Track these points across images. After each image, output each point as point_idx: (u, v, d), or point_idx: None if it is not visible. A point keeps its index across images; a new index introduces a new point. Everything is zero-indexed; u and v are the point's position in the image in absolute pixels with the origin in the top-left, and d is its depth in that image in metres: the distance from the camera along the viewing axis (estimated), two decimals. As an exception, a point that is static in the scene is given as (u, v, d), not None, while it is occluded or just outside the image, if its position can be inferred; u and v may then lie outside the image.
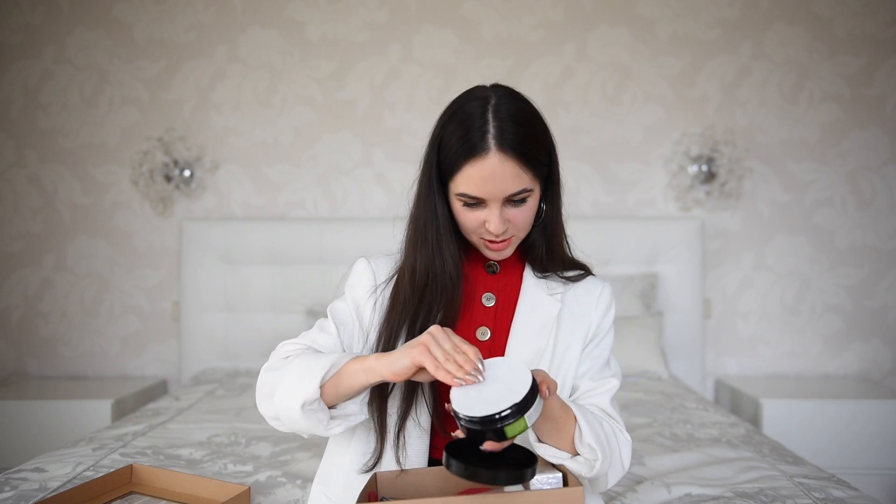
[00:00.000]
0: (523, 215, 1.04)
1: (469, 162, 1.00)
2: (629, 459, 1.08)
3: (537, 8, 2.89)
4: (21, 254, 2.91)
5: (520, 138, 0.99)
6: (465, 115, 1.02)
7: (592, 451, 0.98)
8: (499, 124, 0.99)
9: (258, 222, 2.85)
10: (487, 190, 1.00)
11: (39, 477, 1.43)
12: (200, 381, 2.58)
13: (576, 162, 2.90)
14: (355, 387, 0.97)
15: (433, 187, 1.07)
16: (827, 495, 1.33)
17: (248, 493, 1.27)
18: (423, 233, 1.09)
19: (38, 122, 2.90)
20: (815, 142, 2.88)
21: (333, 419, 1.00)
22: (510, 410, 0.83)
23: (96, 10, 2.90)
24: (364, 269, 1.15)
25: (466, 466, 0.84)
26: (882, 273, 2.87)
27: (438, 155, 1.05)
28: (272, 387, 1.01)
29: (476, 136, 0.99)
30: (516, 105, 1.03)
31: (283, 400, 0.98)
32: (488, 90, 1.05)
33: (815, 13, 2.86)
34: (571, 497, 0.88)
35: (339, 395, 0.98)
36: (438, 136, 1.05)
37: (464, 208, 1.04)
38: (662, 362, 2.55)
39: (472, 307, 1.12)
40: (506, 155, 0.99)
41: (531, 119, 1.03)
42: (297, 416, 0.97)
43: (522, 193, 1.02)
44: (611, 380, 1.13)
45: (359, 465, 1.08)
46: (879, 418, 2.37)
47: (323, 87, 2.92)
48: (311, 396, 0.95)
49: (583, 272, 1.18)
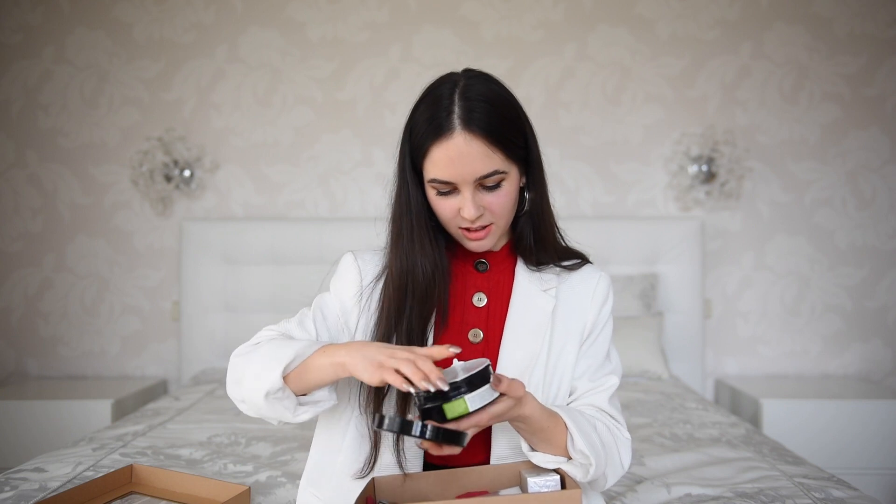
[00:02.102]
0: (500, 201, 1.00)
1: (435, 143, 0.97)
2: (629, 458, 1.06)
3: (537, 8, 2.89)
4: (21, 254, 2.91)
5: (487, 117, 0.96)
6: (433, 99, 0.99)
7: (585, 456, 0.96)
8: (465, 104, 0.96)
9: (258, 222, 2.85)
10: (456, 172, 0.97)
11: (39, 477, 1.43)
12: (200, 381, 2.58)
13: (576, 162, 2.90)
14: (323, 381, 0.95)
15: (407, 177, 1.04)
16: (827, 495, 1.33)
17: (248, 493, 1.27)
18: (399, 228, 1.06)
19: (38, 122, 2.90)
20: (815, 142, 2.88)
21: (301, 406, 0.98)
22: (455, 385, 0.85)
23: (96, 10, 2.90)
24: (350, 266, 1.12)
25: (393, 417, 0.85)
26: (882, 273, 2.87)
27: (410, 144, 1.02)
28: (241, 372, 0.99)
29: (441, 117, 0.96)
30: (486, 86, 1.00)
31: (248, 386, 0.96)
32: (459, 74, 1.03)
33: (815, 13, 2.86)
34: (569, 499, 0.88)
35: (306, 385, 0.96)
36: (409, 123, 1.02)
37: (438, 197, 1.01)
38: (662, 362, 2.55)
39: (463, 308, 1.09)
40: (472, 134, 0.95)
41: (501, 99, 1.00)
42: (262, 403, 0.95)
43: (494, 176, 0.98)
44: (610, 378, 1.10)
45: (353, 470, 1.05)
46: (879, 418, 2.37)
47: (323, 87, 2.92)
48: (275, 386, 0.94)
49: (579, 261, 1.14)
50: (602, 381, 1.10)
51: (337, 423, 1.09)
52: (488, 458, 1.06)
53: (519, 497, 0.90)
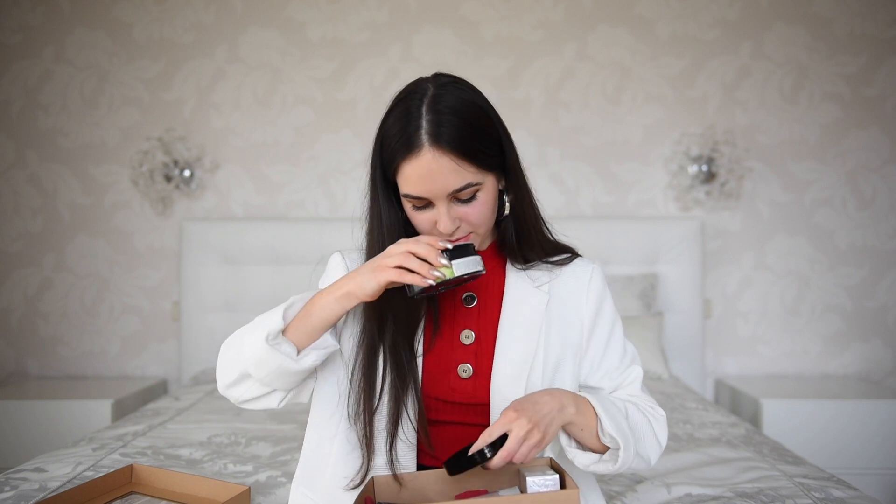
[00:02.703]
0: (475, 211, 0.98)
1: (405, 160, 0.95)
2: (665, 434, 1.06)
3: (537, 8, 2.89)
4: (21, 254, 2.91)
5: (456, 132, 0.94)
6: (403, 111, 0.97)
7: (614, 440, 0.97)
8: (433, 117, 0.94)
9: (258, 222, 2.85)
10: (427, 188, 0.95)
11: (39, 477, 1.43)
12: (200, 381, 2.58)
13: (576, 162, 2.90)
14: (330, 319, 0.96)
15: (378, 190, 1.04)
16: (827, 495, 1.33)
17: (248, 493, 1.27)
18: (373, 240, 1.06)
19: (38, 122, 2.90)
20: (815, 142, 2.88)
21: (304, 350, 0.98)
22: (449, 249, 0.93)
23: (96, 10, 2.90)
24: (338, 266, 1.11)
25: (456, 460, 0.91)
26: (882, 273, 2.87)
27: (381, 156, 1.00)
28: (235, 348, 0.99)
29: (411, 132, 0.94)
30: (456, 95, 0.97)
31: (247, 346, 0.96)
32: (429, 81, 0.99)
33: (815, 13, 2.86)
34: (567, 500, 0.88)
35: (312, 329, 0.96)
36: (380, 135, 1.00)
37: (414, 211, 1.00)
38: (662, 362, 2.55)
39: (454, 310, 1.07)
40: (440, 150, 0.93)
41: (471, 109, 0.97)
42: (263, 352, 0.95)
43: (467, 189, 0.96)
44: (633, 369, 1.10)
45: (344, 475, 1.03)
46: (879, 418, 2.37)
47: (323, 87, 2.92)
48: (275, 327, 0.94)
49: (569, 255, 1.12)
50: (626, 375, 1.10)
51: (325, 428, 1.07)
52: (488, 458, 1.06)
53: (518, 497, 0.90)
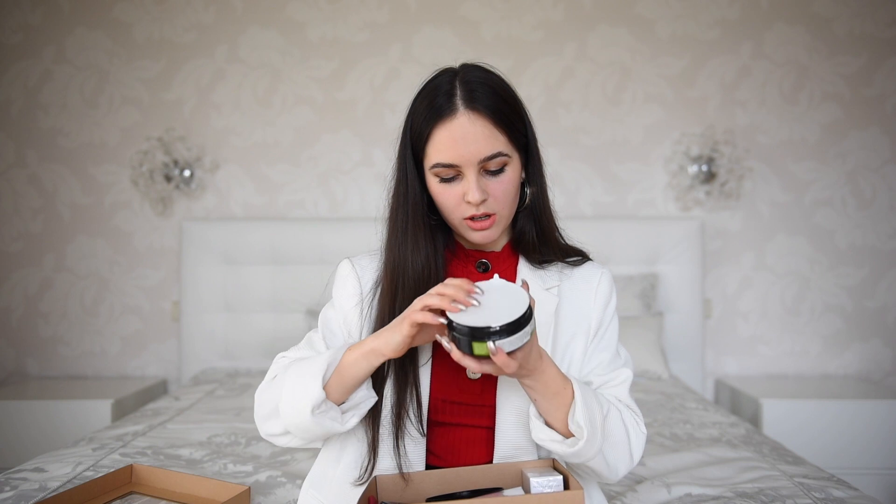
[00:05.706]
0: (503, 187, 1.00)
1: (438, 125, 0.97)
2: (640, 452, 1.05)
3: (537, 8, 2.89)
4: (21, 254, 2.91)
5: (490, 98, 0.97)
6: (432, 87, 1.00)
7: (580, 430, 0.94)
8: (466, 86, 0.98)
9: (258, 222, 2.85)
10: (459, 153, 0.96)
11: (39, 477, 1.43)
12: (200, 381, 2.58)
13: (576, 162, 2.90)
14: (360, 376, 0.96)
15: (406, 168, 1.04)
16: (827, 495, 1.33)
17: (248, 493, 1.27)
18: (395, 221, 1.05)
19: (38, 122, 2.90)
20: (815, 142, 2.88)
21: (346, 413, 0.98)
22: (500, 328, 0.84)
23: (96, 10, 2.89)
24: (348, 274, 1.11)
25: None
26: (882, 273, 2.87)
27: (410, 134, 1.02)
28: (274, 403, 0.99)
29: (442, 100, 0.97)
30: (485, 73, 1.02)
31: (289, 412, 0.96)
32: (457, 67, 1.04)
33: (815, 13, 2.86)
34: (571, 501, 0.88)
35: (346, 388, 0.97)
36: (409, 115, 1.03)
37: (441, 185, 1.00)
38: (662, 362, 2.55)
39: None
40: (476, 113, 0.96)
41: (501, 85, 1.01)
42: (309, 422, 0.95)
43: (498, 158, 0.98)
44: (623, 370, 1.09)
45: (352, 477, 1.04)
46: (879, 418, 2.37)
47: (323, 87, 2.92)
48: (318, 398, 0.94)
49: (580, 258, 1.13)
50: (616, 375, 1.09)
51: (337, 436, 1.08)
52: (491, 458, 1.05)
53: (522, 498, 0.90)
